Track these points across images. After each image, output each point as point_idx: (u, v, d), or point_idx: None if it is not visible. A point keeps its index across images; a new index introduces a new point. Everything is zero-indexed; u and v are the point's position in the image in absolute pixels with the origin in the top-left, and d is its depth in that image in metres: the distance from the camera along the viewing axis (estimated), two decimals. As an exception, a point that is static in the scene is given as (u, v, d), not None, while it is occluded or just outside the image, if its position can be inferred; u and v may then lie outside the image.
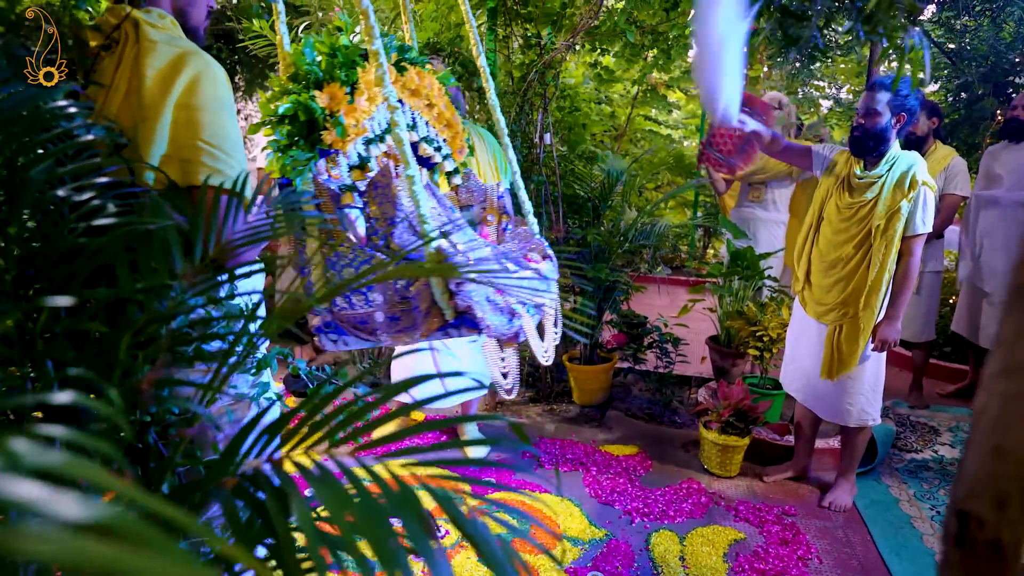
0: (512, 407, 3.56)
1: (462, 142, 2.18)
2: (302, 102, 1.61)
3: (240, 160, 1.26)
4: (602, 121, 5.20)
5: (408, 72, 1.91)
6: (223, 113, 1.21)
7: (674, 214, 6.99)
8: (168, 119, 1.14)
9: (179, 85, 1.15)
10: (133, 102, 1.14)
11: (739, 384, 2.90)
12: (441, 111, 2.06)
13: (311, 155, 1.67)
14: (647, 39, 3.08)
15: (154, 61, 1.15)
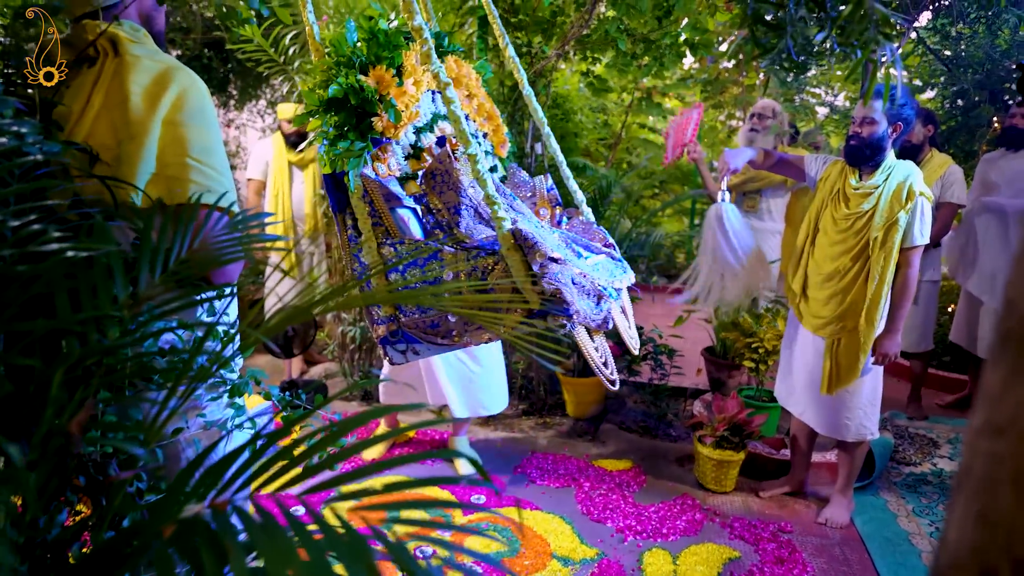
0: (504, 420, 3.51)
1: (503, 136, 2.09)
2: (352, 84, 1.50)
3: (229, 177, 1.23)
4: (596, 129, 5.17)
5: (447, 60, 1.82)
6: (210, 129, 1.18)
7: (671, 223, 6.95)
8: (156, 136, 1.11)
9: (166, 101, 1.11)
10: (115, 119, 1.10)
11: (734, 397, 2.85)
12: (481, 102, 1.97)
13: (365, 144, 1.57)
14: (639, 47, 3.04)
15: (139, 77, 1.11)
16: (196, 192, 1.12)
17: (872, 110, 2.29)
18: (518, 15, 3.14)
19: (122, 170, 1.09)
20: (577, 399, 3.48)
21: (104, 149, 1.10)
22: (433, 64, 1.44)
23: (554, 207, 2.05)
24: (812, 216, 2.52)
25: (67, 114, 1.10)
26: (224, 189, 1.17)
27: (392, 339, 1.65)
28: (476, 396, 2.81)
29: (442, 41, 1.88)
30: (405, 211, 1.78)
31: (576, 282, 1.44)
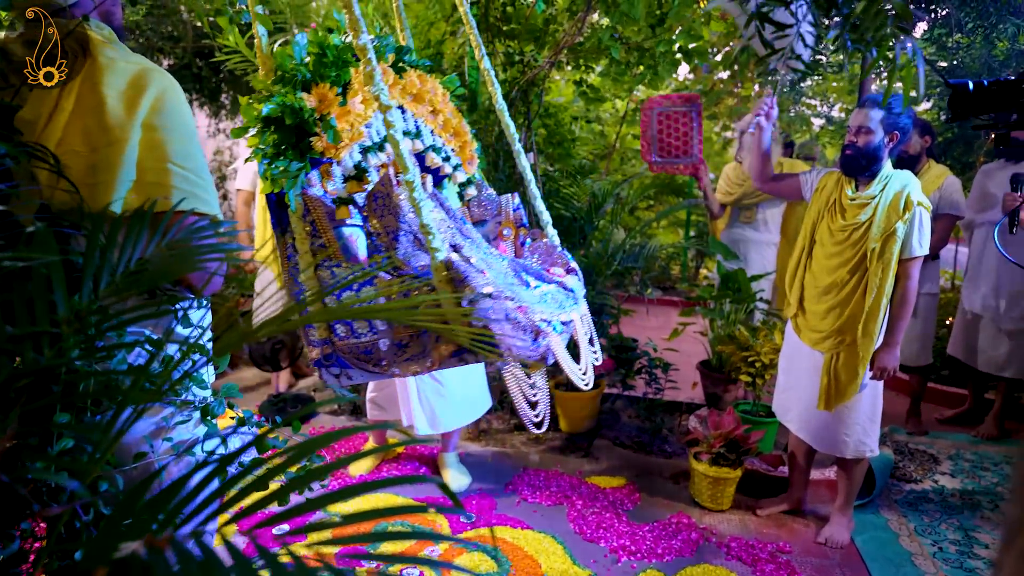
0: (496, 435, 3.43)
1: (472, 152, 2.03)
2: (288, 103, 1.45)
3: (210, 181, 1.16)
4: (592, 140, 5.13)
5: (408, 75, 1.76)
6: (189, 133, 1.12)
7: (666, 234, 6.90)
8: (136, 142, 1.04)
9: (144, 105, 1.05)
10: (88, 125, 1.03)
11: (730, 413, 2.78)
12: (447, 118, 1.92)
13: (302, 164, 1.51)
14: (633, 56, 3.00)
15: (113, 80, 1.05)
16: (179, 198, 1.06)
17: (868, 119, 2.24)
18: (510, 23, 3.10)
19: (100, 177, 1.02)
20: (570, 414, 3.41)
21: (76, 156, 1.03)
22: (375, 86, 1.38)
23: (519, 228, 2.00)
24: (808, 228, 2.46)
25: (33, 120, 1.03)
26: (206, 195, 1.11)
27: (326, 362, 1.60)
28: (435, 411, 2.73)
29: (404, 56, 1.81)
30: (352, 230, 1.71)
31: (511, 317, 1.39)
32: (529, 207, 2.20)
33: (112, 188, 1.00)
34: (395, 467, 3.06)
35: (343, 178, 1.62)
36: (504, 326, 1.37)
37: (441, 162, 1.91)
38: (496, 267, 1.58)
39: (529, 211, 2.22)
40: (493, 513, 2.68)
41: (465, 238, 1.69)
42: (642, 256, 3.58)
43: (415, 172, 1.40)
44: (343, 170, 1.61)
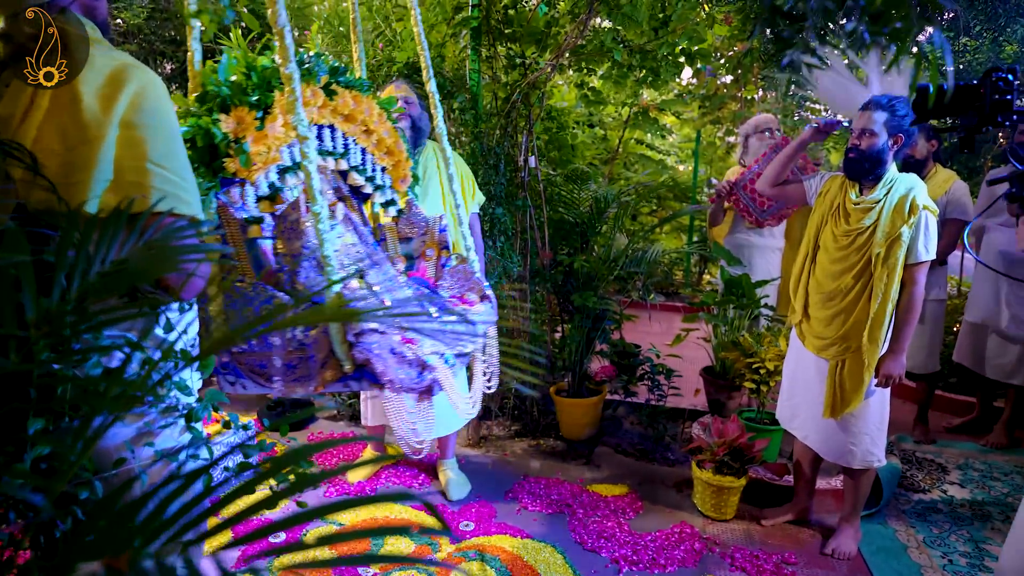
0: (496, 442, 3.39)
1: (405, 171, 2.07)
2: (202, 126, 1.48)
3: (193, 182, 1.12)
4: (594, 144, 5.09)
5: (340, 96, 1.78)
6: (170, 131, 1.08)
7: (669, 239, 6.86)
8: (112, 140, 1.00)
9: (122, 102, 1.01)
10: (64, 123, 1.00)
11: (734, 420, 2.73)
12: (382, 138, 1.95)
13: (211, 184, 1.55)
14: (635, 59, 2.97)
15: (89, 76, 1.01)
16: (158, 199, 1.02)
17: (872, 121, 2.20)
18: (512, 26, 3.08)
19: (76, 177, 0.99)
20: (571, 420, 3.37)
21: (52, 155, 0.99)
22: (295, 116, 1.41)
23: (442, 249, 2.09)
24: (812, 233, 2.42)
25: (7, 116, 1.00)
26: (188, 195, 1.07)
27: (223, 369, 1.61)
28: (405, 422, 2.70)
29: (338, 77, 1.82)
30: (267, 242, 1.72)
31: (396, 351, 1.48)
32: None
33: (87, 187, 0.97)
34: (394, 474, 3.02)
35: (255, 198, 1.64)
36: (388, 360, 1.47)
37: (363, 181, 1.95)
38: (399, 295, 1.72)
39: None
40: (493, 521, 2.63)
41: (372, 265, 1.80)
42: (645, 261, 3.54)
43: (323, 204, 1.46)
44: (256, 190, 1.63)
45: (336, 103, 1.75)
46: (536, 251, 3.45)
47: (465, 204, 2.58)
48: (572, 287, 3.42)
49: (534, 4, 3.12)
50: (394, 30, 3.28)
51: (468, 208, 2.63)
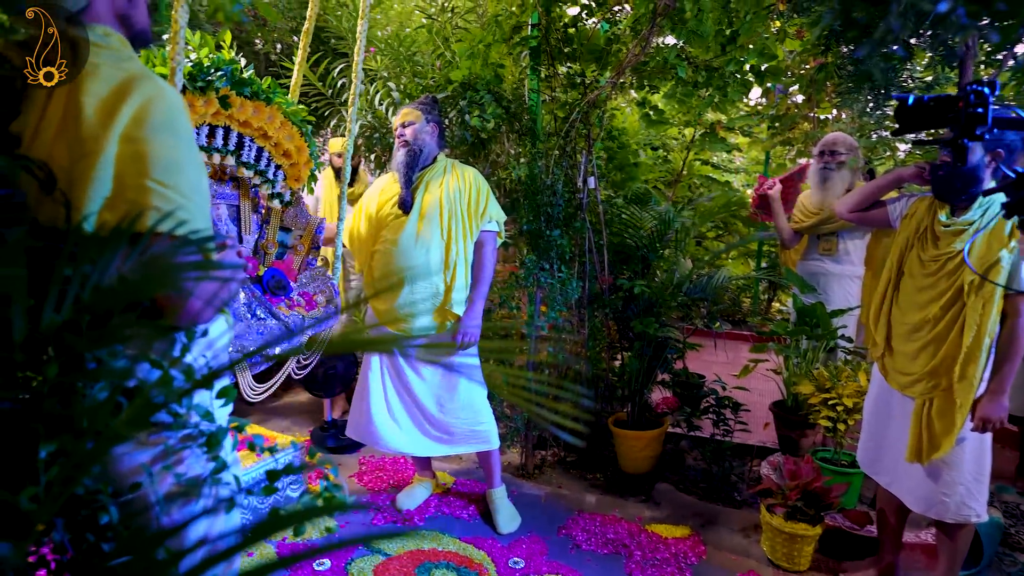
0: (550, 473, 3.25)
1: (300, 172, 2.38)
2: None
3: (201, 203, 1.05)
4: (656, 166, 4.95)
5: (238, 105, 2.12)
6: (178, 147, 1.01)
7: (736, 265, 6.58)
8: (112, 154, 0.96)
9: (125, 114, 0.97)
10: (70, 135, 0.97)
11: (808, 461, 2.51)
12: (281, 141, 2.29)
13: None
14: (700, 76, 2.84)
15: (94, 87, 0.97)
16: (157, 219, 0.97)
17: (968, 136, 1.99)
18: (571, 44, 3.00)
19: (74, 193, 0.95)
20: (630, 453, 3.19)
21: (62, 171, 0.96)
22: None
23: (312, 248, 2.41)
24: (895, 259, 2.21)
25: (22, 132, 0.97)
26: (189, 215, 1.01)
27: None
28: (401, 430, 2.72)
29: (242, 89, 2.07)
30: None
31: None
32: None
33: (82, 205, 0.92)
34: (443, 502, 2.93)
35: None
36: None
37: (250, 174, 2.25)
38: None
39: None
40: (544, 559, 2.49)
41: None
42: (710, 287, 3.35)
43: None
44: None
45: (232, 111, 2.08)
46: (595, 275, 3.33)
47: (470, 221, 2.56)
48: (632, 313, 3.28)
49: (595, 22, 3.05)
50: (453, 51, 3.27)
51: (474, 225, 2.58)
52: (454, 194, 2.54)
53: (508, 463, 3.32)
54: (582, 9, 3.06)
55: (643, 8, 2.74)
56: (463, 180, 2.57)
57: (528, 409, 1.45)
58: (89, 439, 0.86)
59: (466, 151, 3.39)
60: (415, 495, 2.91)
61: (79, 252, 0.79)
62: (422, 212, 2.53)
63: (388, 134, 3.47)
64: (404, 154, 2.55)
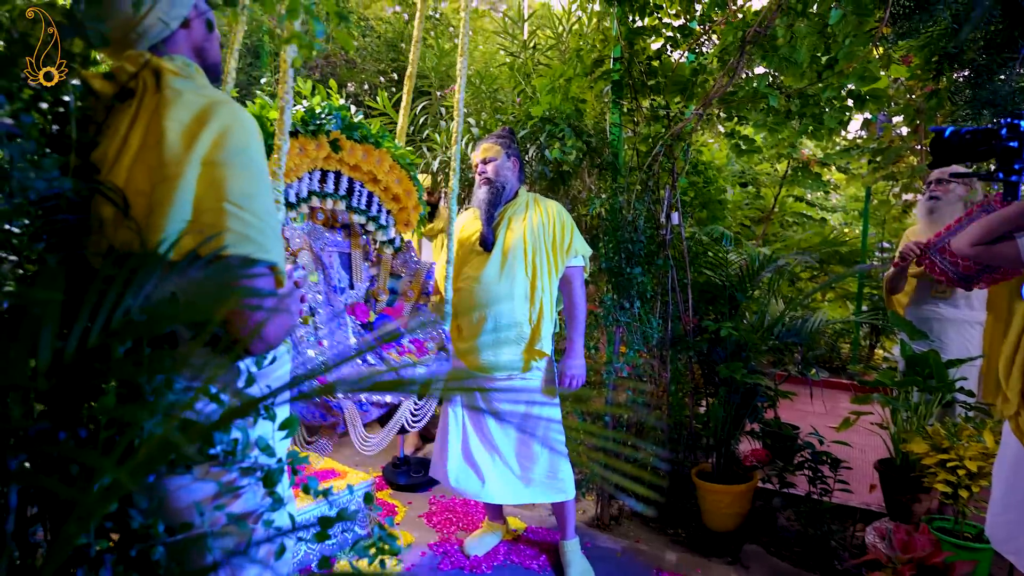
0: (628, 525, 3.05)
1: (410, 216, 2.38)
2: None
3: (275, 226, 1.04)
4: (747, 203, 4.72)
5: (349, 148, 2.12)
6: (254, 172, 1.01)
7: (833, 308, 6.15)
8: (192, 178, 0.95)
9: (205, 139, 0.97)
10: (150, 160, 0.97)
11: (924, 531, 2.21)
12: (390, 186, 2.27)
13: None
14: (794, 104, 2.66)
15: (178, 113, 0.98)
16: (233, 242, 0.95)
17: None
18: (655, 76, 2.91)
19: (153, 217, 0.94)
20: (715, 509, 2.95)
21: (141, 196, 0.96)
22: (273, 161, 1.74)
23: (423, 295, 2.40)
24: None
25: (102, 159, 0.98)
26: (266, 240, 0.99)
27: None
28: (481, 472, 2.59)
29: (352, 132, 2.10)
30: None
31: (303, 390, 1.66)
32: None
33: (161, 228, 0.90)
34: (513, 550, 2.79)
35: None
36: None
37: (364, 220, 2.25)
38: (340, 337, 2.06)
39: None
40: (618, 622, 2.30)
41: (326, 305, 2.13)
42: (805, 331, 3.10)
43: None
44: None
45: (343, 154, 2.09)
46: (678, 316, 3.16)
47: (555, 256, 2.49)
48: (719, 357, 3.07)
49: (680, 53, 2.95)
50: (533, 87, 3.25)
51: (559, 260, 2.50)
52: (538, 229, 2.47)
53: (583, 512, 3.15)
54: (666, 42, 2.97)
55: (731, 36, 2.62)
56: (546, 215, 2.50)
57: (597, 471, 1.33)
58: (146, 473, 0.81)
59: (546, 187, 3.34)
60: (485, 541, 2.79)
61: (142, 274, 0.75)
62: (505, 249, 2.47)
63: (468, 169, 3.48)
64: (486, 191, 2.49)
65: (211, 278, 0.73)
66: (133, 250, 0.89)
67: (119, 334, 0.65)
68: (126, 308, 0.66)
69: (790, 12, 2.41)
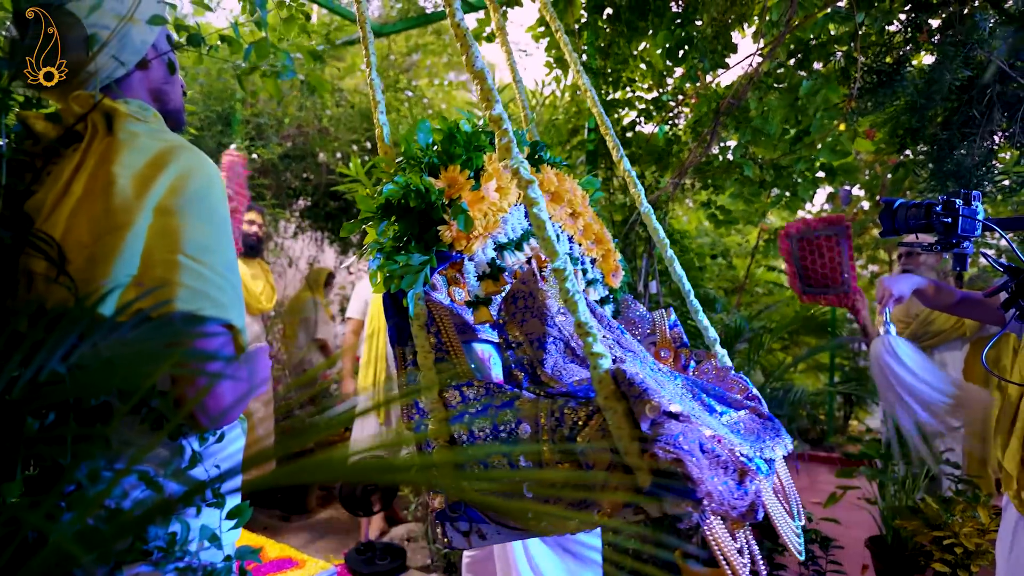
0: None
1: (615, 262, 1.78)
2: (414, 185, 1.25)
3: (235, 285, 0.93)
4: (720, 275, 4.74)
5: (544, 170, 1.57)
6: (214, 222, 0.90)
7: (805, 378, 6.13)
8: (143, 227, 0.84)
9: (160, 185, 0.86)
10: (95, 208, 0.86)
11: (927, 617, 2.08)
12: (588, 223, 1.69)
13: (426, 258, 1.28)
14: (768, 174, 2.69)
15: (129, 158, 0.88)
16: (186, 298, 0.83)
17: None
18: (630, 147, 2.94)
19: (95, 271, 0.82)
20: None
21: (80, 249, 0.84)
22: (513, 159, 1.13)
23: (678, 348, 1.61)
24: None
25: (39, 206, 0.87)
26: (224, 297, 0.87)
27: (452, 514, 1.22)
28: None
29: (540, 151, 1.62)
30: (485, 346, 1.44)
31: (707, 448, 0.98)
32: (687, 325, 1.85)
33: (103, 283, 0.79)
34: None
35: (477, 276, 1.39)
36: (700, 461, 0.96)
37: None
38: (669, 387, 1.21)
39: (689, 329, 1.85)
40: None
41: (626, 351, 1.39)
42: (787, 403, 3.03)
43: (565, 258, 1.08)
44: (476, 267, 1.38)
45: (541, 178, 1.53)
46: (657, 386, 3.07)
47: None
48: (700, 429, 2.96)
49: (653, 125, 2.99)
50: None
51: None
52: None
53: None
54: (639, 114, 3.02)
55: (705, 108, 2.67)
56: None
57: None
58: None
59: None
60: None
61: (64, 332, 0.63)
62: None
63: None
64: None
65: (153, 336, 0.61)
66: (68, 308, 0.77)
67: (35, 402, 0.53)
68: (50, 371, 0.54)
69: (761, 85, 2.46)
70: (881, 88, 2.54)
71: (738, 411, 1.29)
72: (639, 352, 1.45)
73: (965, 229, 1.36)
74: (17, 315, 0.72)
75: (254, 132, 4.25)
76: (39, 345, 0.57)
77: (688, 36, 2.64)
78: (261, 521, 3.86)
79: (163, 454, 0.89)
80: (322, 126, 4.29)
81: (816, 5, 2.30)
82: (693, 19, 2.65)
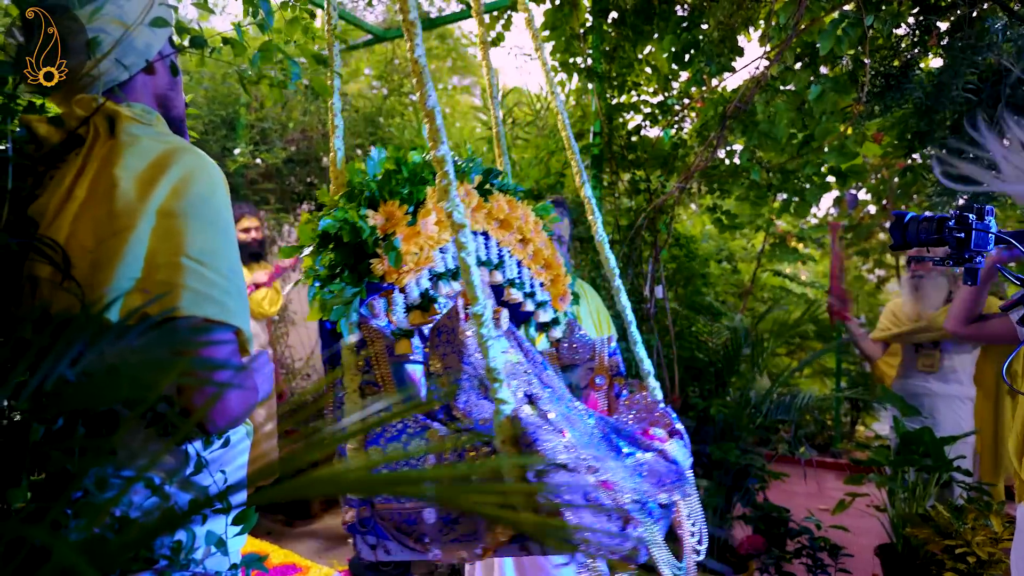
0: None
1: (564, 287, 1.80)
2: (349, 220, 1.32)
3: (241, 288, 0.91)
4: (724, 278, 4.72)
5: (495, 198, 1.59)
6: (218, 224, 0.89)
7: (810, 383, 6.10)
8: (146, 230, 0.83)
9: (163, 188, 0.85)
10: (98, 212, 0.85)
11: (940, 627, 2.05)
12: (539, 248, 1.71)
13: (357, 289, 1.35)
14: (775, 178, 2.68)
15: (132, 160, 0.87)
16: (191, 302, 0.82)
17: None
18: (635, 151, 2.92)
19: (98, 275, 0.81)
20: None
21: (83, 253, 0.83)
22: (449, 202, 1.22)
23: (614, 376, 1.74)
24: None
25: (42, 211, 0.86)
26: (229, 300, 0.86)
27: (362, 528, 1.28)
28: None
29: (492, 179, 1.63)
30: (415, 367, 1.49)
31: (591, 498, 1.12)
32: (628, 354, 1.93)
33: (107, 287, 0.78)
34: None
35: (405, 308, 1.43)
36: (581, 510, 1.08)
37: (522, 298, 1.68)
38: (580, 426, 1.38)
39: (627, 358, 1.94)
40: None
41: (545, 387, 1.49)
42: (793, 408, 3.01)
43: (485, 303, 1.20)
44: (406, 299, 1.41)
45: (491, 206, 1.57)
46: (665, 394, 3.05)
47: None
48: (708, 437, 2.94)
49: (659, 129, 2.98)
50: (512, 160, 3.25)
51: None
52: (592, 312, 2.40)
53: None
54: (645, 118, 3.01)
55: (711, 112, 2.65)
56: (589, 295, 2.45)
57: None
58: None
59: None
60: None
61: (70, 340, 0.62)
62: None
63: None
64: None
65: (160, 344, 0.60)
66: (74, 315, 0.76)
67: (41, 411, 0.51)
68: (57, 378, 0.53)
69: (768, 88, 2.45)
70: (889, 92, 2.53)
71: (645, 453, 1.39)
72: (557, 388, 1.53)
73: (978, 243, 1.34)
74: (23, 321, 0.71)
75: (258, 136, 4.26)
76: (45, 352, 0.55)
77: (694, 40, 2.64)
78: (264, 526, 3.84)
79: (168, 460, 0.87)
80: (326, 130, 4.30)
81: (823, 8, 2.29)
82: (699, 23, 2.64)
